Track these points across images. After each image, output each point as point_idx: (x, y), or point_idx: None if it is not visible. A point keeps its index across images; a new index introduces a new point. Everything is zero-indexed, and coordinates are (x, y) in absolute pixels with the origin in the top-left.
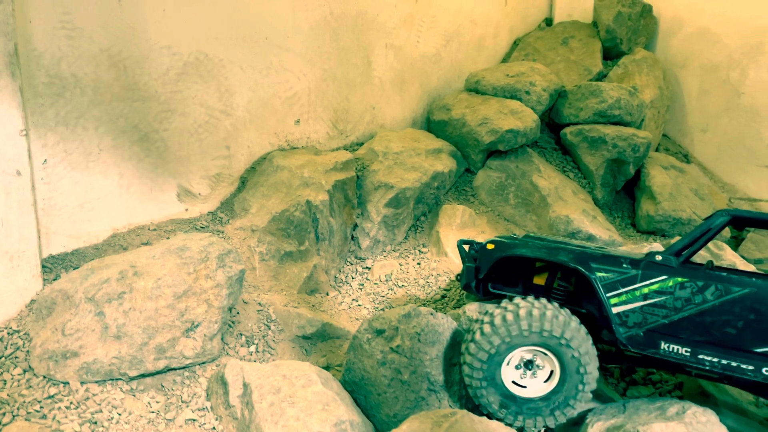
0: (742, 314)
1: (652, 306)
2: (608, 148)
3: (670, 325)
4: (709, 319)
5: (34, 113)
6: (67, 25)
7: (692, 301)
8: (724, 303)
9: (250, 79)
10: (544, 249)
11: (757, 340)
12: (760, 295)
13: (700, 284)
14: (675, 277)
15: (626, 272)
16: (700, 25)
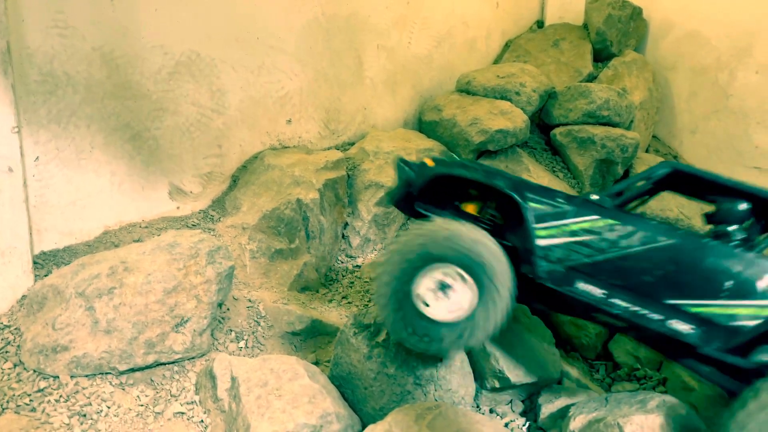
0: (662, 264)
1: (578, 243)
2: (597, 149)
3: (592, 265)
4: (631, 264)
5: (27, 111)
6: (59, 24)
7: (618, 244)
8: (648, 250)
9: (242, 78)
10: (482, 172)
11: (670, 291)
12: (683, 248)
13: (629, 229)
14: (606, 219)
15: (559, 206)
16: (690, 27)
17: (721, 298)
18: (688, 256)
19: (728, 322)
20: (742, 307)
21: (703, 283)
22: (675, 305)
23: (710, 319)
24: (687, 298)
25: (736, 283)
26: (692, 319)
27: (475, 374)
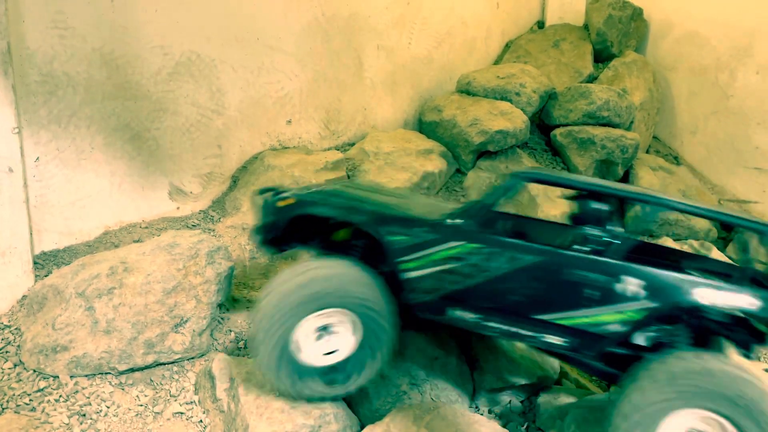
0: (527, 282)
1: (444, 272)
2: (597, 149)
3: (462, 291)
4: (498, 286)
5: (27, 111)
6: (59, 24)
7: (484, 267)
8: (513, 271)
9: (241, 79)
10: (341, 208)
11: (538, 307)
12: (544, 264)
13: (492, 251)
14: (468, 244)
15: (420, 236)
16: (690, 28)
17: (585, 308)
18: (550, 271)
19: (596, 330)
20: (606, 314)
21: (567, 295)
22: (545, 320)
23: (579, 329)
24: (555, 312)
25: (598, 291)
26: (563, 332)
27: (473, 374)
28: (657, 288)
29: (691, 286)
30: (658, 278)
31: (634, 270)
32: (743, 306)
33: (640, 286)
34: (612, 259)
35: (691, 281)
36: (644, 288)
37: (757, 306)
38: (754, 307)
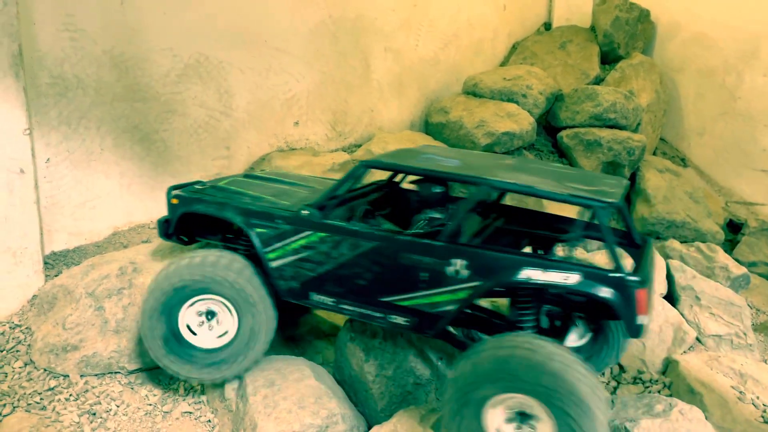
0: (370, 267)
1: (301, 260)
2: (603, 151)
3: (317, 278)
4: (346, 272)
5: (38, 113)
6: (70, 27)
7: (331, 255)
8: (356, 256)
9: (249, 80)
10: (215, 204)
11: (382, 290)
12: (382, 248)
13: (337, 239)
14: (317, 233)
15: (279, 228)
16: (697, 30)
17: (420, 289)
18: (387, 255)
19: (432, 310)
20: (439, 294)
21: (404, 278)
22: (389, 302)
23: (418, 309)
24: (395, 294)
25: (430, 273)
26: (404, 312)
27: None
28: (481, 268)
29: (515, 264)
30: (483, 258)
31: (460, 251)
32: (558, 281)
33: (465, 267)
34: (443, 241)
35: (517, 260)
36: (469, 268)
37: (575, 281)
38: (571, 282)
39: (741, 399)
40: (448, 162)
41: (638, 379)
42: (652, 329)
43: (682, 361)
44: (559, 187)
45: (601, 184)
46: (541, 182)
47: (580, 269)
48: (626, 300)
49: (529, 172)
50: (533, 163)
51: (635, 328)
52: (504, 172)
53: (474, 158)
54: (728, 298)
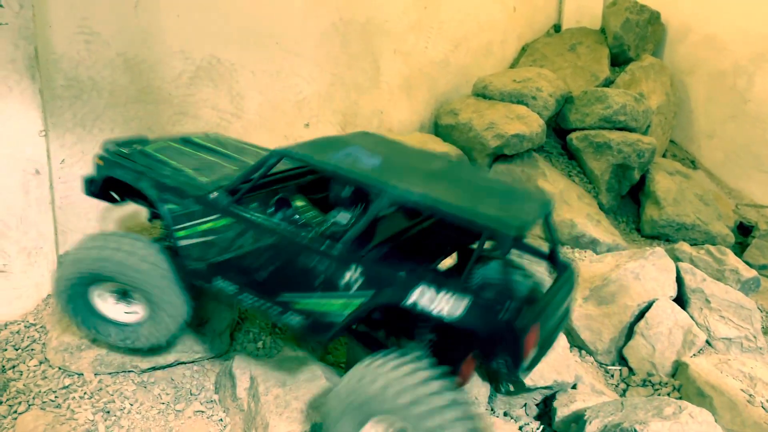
0: (269, 262)
1: (208, 243)
2: (613, 154)
3: (222, 263)
4: (247, 262)
5: (53, 114)
6: (85, 30)
7: (235, 243)
8: (257, 249)
9: (260, 83)
10: (134, 173)
11: (280, 287)
12: (281, 246)
13: (241, 228)
14: (224, 218)
15: (189, 207)
16: (707, 32)
17: (315, 293)
18: (286, 253)
19: (324, 315)
20: (332, 301)
21: (300, 279)
22: (285, 300)
23: (311, 312)
24: (292, 293)
25: (324, 279)
26: (299, 313)
27: (489, 377)
28: (375, 282)
29: (406, 286)
30: (377, 272)
31: (355, 261)
32: (443, 313)
33: (359, 279)
34: (339, 249)
35: (409, 280)
36: (363, 281)
37: (457, 314)
38: (453, 315)
39: (750, 402)
40: (367, 160)
41: (648, 381)
42: (661, 332)
43: (692, 363)
44: (469, 204)
45: (519, 206)
46: (453, 196)
47: (472, 295)
48: (507, 341)
49: (450, 182)
50: (465, 171)
51: (519, 363)
52: (420, 179)
53: (401, 158)
54: (738, 301)
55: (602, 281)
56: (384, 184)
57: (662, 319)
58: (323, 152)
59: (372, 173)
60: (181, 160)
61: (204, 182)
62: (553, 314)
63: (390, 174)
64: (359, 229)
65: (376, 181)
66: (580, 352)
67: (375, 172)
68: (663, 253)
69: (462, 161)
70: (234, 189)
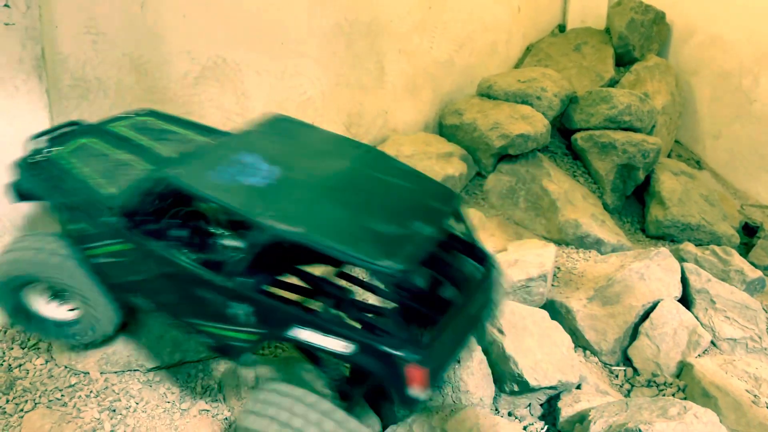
0: (171, 288)
1: (115, 264)
2: (618, 154)
3: (133, 284)
4: (155, 286)
5: (60, 114)
6: (91, 30)
7: (140, 267)
8: (158, 275)
9: (265, 83)
10: (41, 186)
11: (185, 311)
12: (175, 274)
13: (141, 254)
14: (125, 243)
15: (90, 229)
16: (713, 32)
17: (213, 321)
18: (184, 283)
19: (229, 340)
20: (230, 330)
21: (201, 308)
22: (194, 323)
23: (218, 336)
24: (196, 318)
25: (219, 311)
26: (208, 336)
27: (494, 377)
28: (263, 315)
29: (295, 321)
30: (263, 305)
31: (241, 294)
32: (332, 348)
33: (247, 311)
34: (225, 280)
35: (299, 316)
36: (251, 313)
37: (343, 352)
38: (341, 351)
39: (755, 402)
40: (259, 175)
41: (652, 382)
42: (666, 332)
43: (697, 364)
44: (356, 233)
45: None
46: (343, 221)
47: (357, 338)
48: (395, 376)
49: (347, 195)
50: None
51: (408, 398)
52: (313, 197)
53: (303, 161)
54: (743, 302)
55: (607, 281)
56: (259, 222)
57: (667, 319)
58: (216, 164)
59: (254, 200)
60: (90, 164)
61: (106, 196)
62: (461, 323)
63: (279, 195)
64: (244, 262)
65: (252, 216)
66: (584, 353)
67: (260, 197)
68: (668, 254)
69: (372, 152)
70: (131, 211)
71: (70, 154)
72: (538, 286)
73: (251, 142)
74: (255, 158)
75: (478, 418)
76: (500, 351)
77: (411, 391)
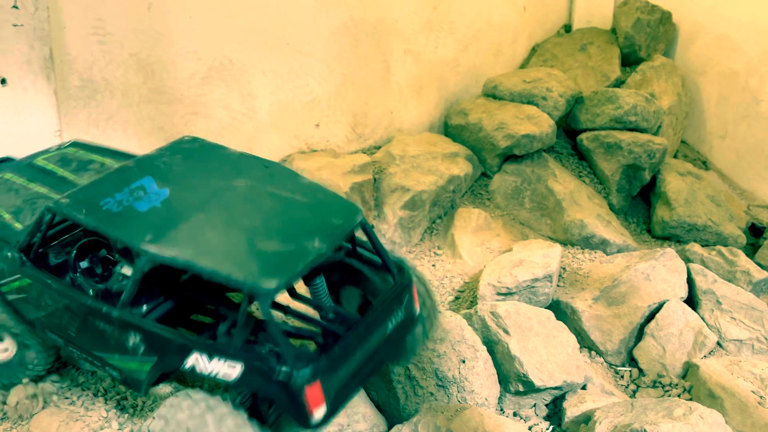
0: (73, 320)
1: (23, 300)
2: (624, 154)
3: (43, 319)
4: (58, 320)
5: (67, 114)
6: (99, 31)
7: (42, 301)
8: (59, 308)
9: (271, 83)
10: None
11: (90, 344)
12: (72, 306)
13: (41, 288)
14: (24, 279)
15: (2, 263)
16: (719, 32)
17: (112, 352)
18: (81, 315)
19: (130, 372)
20: (128, 361)
21: (99, 340)
22: (99, 356)
23: (120, 369)
24: (100, 351)
25: (115, 342)
26: (113, 368)
27: (499, 377)
28: (154, 346)
29: (182, 352)
30: (153, 336)
31: (133, 325)
32: (221, 376)
33: (140, 342)
34: (118, 311)
35: (184, 347)
36: (144, 344)
37: (233, 377)
38: (230, 378)
39: (761, 403)
40: (148, 201)
41: (658, 383)
42: (672, 333)
43: (703, 365)
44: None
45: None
46: (224, 243)
47: (243, 359)
48: (292, 397)
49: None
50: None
51: (306, 422)
52: (199, 220)
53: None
54: (749, 303)
55: (612, 282)
56: (136, 247)
57: (673, 320)
58: (107, 190)
59: (136, 226)
60: (3, 198)
61: (15, 230)
62: (365, 346)
63: (162, 218)
64: (131, 291)
65: (131, 241)
66: (589, 353)
67: (143, 221)
68: (674, 254)
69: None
70: (27, 246)
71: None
72: (543, 287)
73: (149, 166)
74: (148, 182)
75: (483, 418)
76: (505, 351)
77: (309, 413)
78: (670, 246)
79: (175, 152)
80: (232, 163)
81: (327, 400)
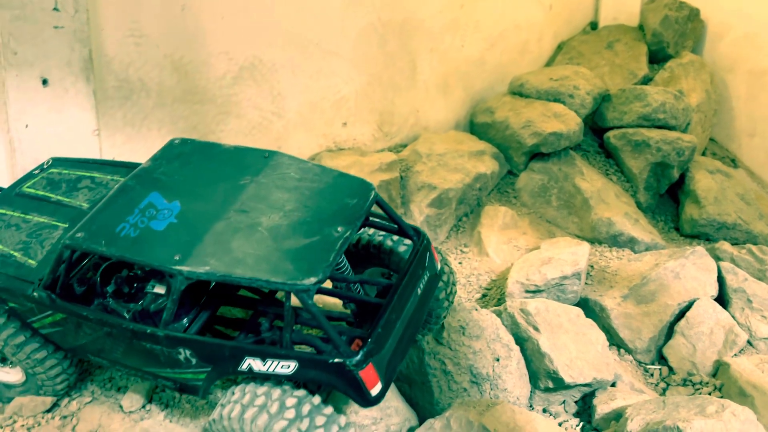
0: (117, 345)
1: (60, 332)
2: (652, 152)
3: (84, 346)
4: (102, 346)
5: (105, 114)
6: (135, 33)
7: (81, 331)
8: (101, 335)
9: (300, 82)
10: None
11: (138, 363)
12: (114, 333)
13: (75, 320)
14: (57, 313)
15: (24, 305)
16: (748, 29)
17: (165, 367)
18: (124, 339)
19: (186, 380)
20: (183, 373)
21: (148, 358)
22: (148, 371)
23: (175, 380)
24: (150, 367)
25: (165, 359)
26: (166, 380)
27: (529, 374)
28: (205, 356)
29: (235, 354)
30: (203, 347)
31: (181, 340)
32: (278, 372)
33: (191, 355)
34: (162, 330)
35: (236, 348)
36: (195, 356)
37: (289, 371)
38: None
39: None
40: (162, 218)
41: (688, 381)
42: (702, 332)
43: (733, 363)
44: (265, 257)
45: (331, 225)
46: (251, 247)
47: (296, 357)
48: (350, 382)
49: (255, 216)
50: (276, 181)
51: (367, 400)
52: (220, 226)
53: (204, 190)
54: None
55: (641, 280)
56: (168, 268)
57: (703, 318)
58: (117, 215)
59: (160, 246)
60: (5, 236)
61: (31, 267)
62: (403, 315)
63: (182, 234)
64: (171, 310)
65: (162, 264)
66: (618, 351)
67: (165, 241)
68: (704, 253)
69: (275, 158)
70: (51, 283)
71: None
72: (571, 284)
73: (150, 180)
74: (155, 198)
75: (515, 414)
76: (535, 348)
77: (368, 391)
78: (699, 244)
79: (171, 159)
80: (231, 160)
81: (381, 376)
